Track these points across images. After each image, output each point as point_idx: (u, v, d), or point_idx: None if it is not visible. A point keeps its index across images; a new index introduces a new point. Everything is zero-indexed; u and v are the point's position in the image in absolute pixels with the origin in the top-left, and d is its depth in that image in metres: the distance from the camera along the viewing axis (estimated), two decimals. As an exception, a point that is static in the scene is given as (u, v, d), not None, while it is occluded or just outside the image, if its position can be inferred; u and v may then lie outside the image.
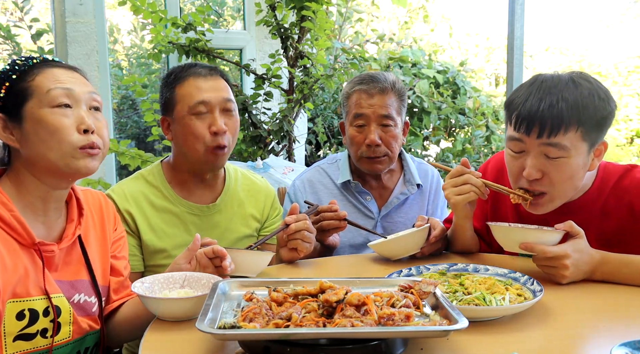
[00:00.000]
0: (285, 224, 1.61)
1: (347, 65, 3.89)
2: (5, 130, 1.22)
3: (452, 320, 0.98)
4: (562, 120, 1.36)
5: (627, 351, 0.95)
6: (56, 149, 1.20)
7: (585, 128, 1.38)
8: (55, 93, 1.21)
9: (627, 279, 1.39)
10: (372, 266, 1.64)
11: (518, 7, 2.95)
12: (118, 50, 5.27)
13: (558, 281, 1.38)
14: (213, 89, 1.65)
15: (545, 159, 1.42)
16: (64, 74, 1.25)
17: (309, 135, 4.68)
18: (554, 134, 1.38)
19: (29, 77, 1.22)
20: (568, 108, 1.36)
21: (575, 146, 1.39)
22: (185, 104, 1.64)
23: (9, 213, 1.18)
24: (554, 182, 1.44)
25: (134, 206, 1.66)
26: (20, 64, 1.24)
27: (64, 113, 1.21)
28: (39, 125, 1.20)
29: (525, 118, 1.40)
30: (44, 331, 1.21)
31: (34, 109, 1.21)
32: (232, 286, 1.21)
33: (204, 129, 1.63)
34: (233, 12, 4.70)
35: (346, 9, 4.99)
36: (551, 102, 1.37)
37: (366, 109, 1.94)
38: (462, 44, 7.29)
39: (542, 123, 1.38)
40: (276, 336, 0.95)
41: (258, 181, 1.91)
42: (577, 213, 1.54)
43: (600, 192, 1.54)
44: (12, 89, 1.22)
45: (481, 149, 5.01)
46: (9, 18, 3.94)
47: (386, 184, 2.08)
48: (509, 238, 1.44)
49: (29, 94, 1.21)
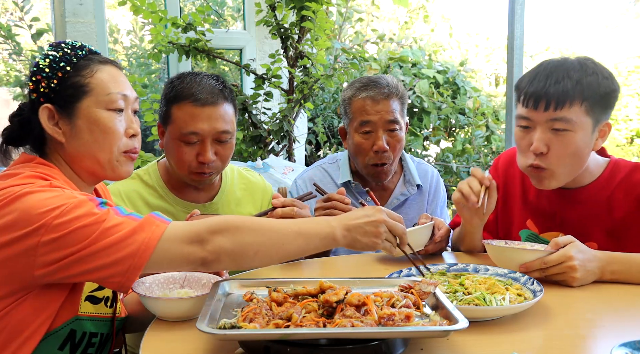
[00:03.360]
0: (272, 207, 1.58)
1: (347, 65, 3.88)
2: (51, 120, 1.21)
3: (452, 320, 0.98)
4: (567, 94, 1.44)
5: (627, 351, 0.95)
6: (107, 151, 1.23)
7: (590, 103, 1.45)
8: (115, 97, 1.23)
9: (636, 279, 1.39)
10: (372, 266, 1.64)
11: (518, 7, 2.95)
12: (118, 50, 5.27)
13: (570, 285, 1.38)
14: (209, 119, 1.60)
15: (552, 134, 1.47)
16: (118, 74, 1.26)
17: (309, 135, 4.67)
18: (560, 108, 1.44)
19: (85, 73, 1.21)
20: (573, 84, 1.44)
21: (580, 121, 1.45)
22: (178, 128, 1.61)
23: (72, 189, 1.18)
24: (559, 157, 1.48)
25: (129, 205, 1.67)
26: (70, 53, 1.22)
27: (118, 116, 1.24)
28: (95, 125, 1.21)
29: (533, 94, 1.47)
30: (107, 300, 1.26)
31: (91, 108, 1.21)
32: (232, 286, 1.21)
33: (191, 156, 1.62)
34: (233, 12, 4.70)
35: (346, 9, 4.99)
36: (557, 79, 1.46)
37: (373, 116, 1.92)
38: (462, 44, 7.29)
39: (549, 98, 1.45)
40: (276, 336, 0.95)
41: (254, 179, 1.91)
42: (585, 203, 1.58)
43: (608, 182, 1.57)
44: (66, 81, 1.20)
45: (481, 149, 5.00)
46: (9, 18, 3.94)
47: (386, 184, 2.08)
48: (504, 257, 1.45)
49: (86, 91, 1.20)
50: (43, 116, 1.20)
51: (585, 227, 1.53)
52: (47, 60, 1.20)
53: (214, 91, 1.62)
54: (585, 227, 1.53)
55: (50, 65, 1.20)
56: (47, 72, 1.19)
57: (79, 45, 1.25)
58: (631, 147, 7.85)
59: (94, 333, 1.24)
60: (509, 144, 3.13)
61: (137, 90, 3.14)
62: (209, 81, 1.64)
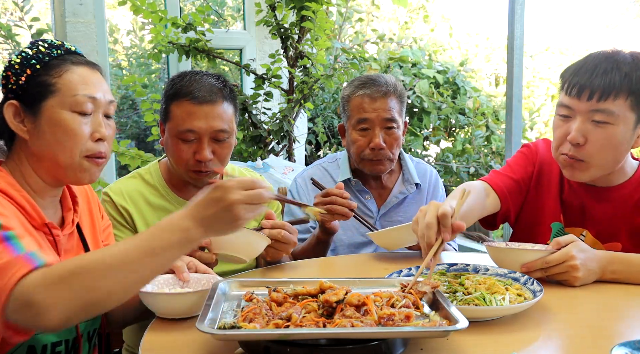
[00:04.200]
0: (260, 228, 1.56)
1: (347, 65, 3.88)
2: (16, 117, 1.19)
3: (452, 320, 0.98)
4: (614, 86, 1.40)
5: (627, 351, 0.95)
6: (68, 154, 1.20)
7: (636, 98, 1.41)
8: (81, 100, 1.20)
9: (637, 279, 1.38)
10: (372, 266, 1.64)
11: (518, 7, 2.95)
12: (118, 50, 5.27)
13: (571, 284, 1.37)
14: (206, 117, 1.59)
15: (592, 125, 1.43)
16: (90, 76, 1.23)
17: (309, 135, 4.67)
18: (604, 99, 1.40)
19: (54, 72, 1.19)
20: (622, 76, 1.40)
21: (623, 115, 1.42)
22: (175, 126, 1.61)
23: (18, 193, 1.16)
24: (595, 150, 1.44)
25: (131, 204, 1.68)
26: (44, 52, 1.20)
27: (83, 119, 1.21)
28: (57, 126, 1.18)
29: (579, 82, 1.43)
30: None
31: (55, 108, 1.18)
32: (232, 286, 1.21)
33: (188, 154, 1.62)
34: (233, 12, 4.70)
35: (346, 9, 4.98)
36: (605, 69, 1.42)
37: (370, 114, 1.94)
38: (462, 44, 7.28)
39: (594, 87, 1.41)
40: (276, 336, 0.95)
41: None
42: (613, 202, 1.54)
43: (637, 183, 1.54)
44: (34, 79, 1.18)
45: (481, 149, 5.00)
46: (9, 18, 3.94)
47: (385, 183, 2.09)
48: (505, 258, 1.44)
49: (52, 91, 1.18)
50: (8, 112, 1.19)
51: (611, 226, 1.50)
52: (19, 57, 1.19)
53: (213, 89, 1.62)
54: (611, 227, 1.50)
55: (21, 62, 1.18)
56: (17, 69, 1.18)
57: (57, 44, 1.23)
58: (631, 148, 7.84)
59: (56, 342, 1.20)
60: (509, 144, 3.13)
61: (137, 90, 3.15)
62: (208, 80, 1.64)
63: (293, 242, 1.56)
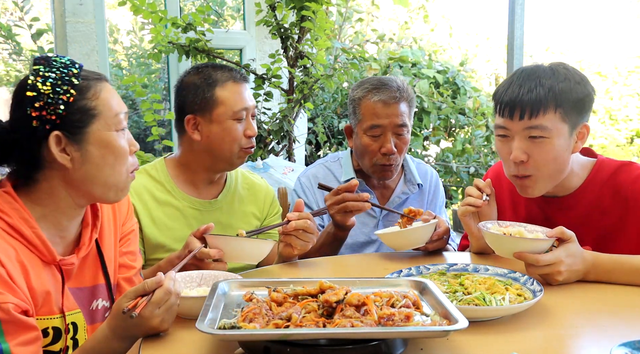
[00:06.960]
0: (287, 220, 1.60)
1: (347, 65, 3.89)
2: (58, 145, 1.14)
3: (452, 320, 0.98)
4: (540, 102, 1.45)
5: (627, 351, 0.95)
6: (118, 173, 1.21)
7: (564, 109, 1.46)
8: (122, 117, 1.20)
9: (619, 280, 1.40)
10: (372, 266, 1.64)
11: (518, 7, 2.95)
12: (118, 50, 5.27)
13: (551, 283, 1.39)
14: (249, 96, 1.76)
15: (529, 142, 1.48)
16: (113, 90, 1.22)
17: (309, 135, 4.67)
18: (535, 116, 1.46)
19: (90, 95, 1.16)
20: (545, 91, 1.45)
21: (556, 127, 1.47)
22: (230, 108, 1.69)
23: (31, 230, 1.13)
24: (539, 164, 1.49)
25: (137, 199, 1.69)
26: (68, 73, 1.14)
27: (124, 136, 1.21)
28: (107, 148, 1.18)
29: (508, 103, 1.49)
30: (67, 349, 1.19)
31: (102, 132, 1.17)
32: (232, 286, 1.21)
33: (241, 133, 1.72)
34: (233, 12, 4.70)
35: (346, 9, 4.99)
36: (529, 87, 1.47)
37: (383, 120, 1.93)
38: (462, 44, 7.28)
39: (523, 106, 1.46)
40: (276, 336, 0.95)
41: (258, 181, 1.95)
42: (575, 208, 1.57)
43: (594, 184, 1.57)
44: (73, 105, 1.14)
45: (481, 149, 5.00)
46: (9, 18, 3.94)
47: (388, 183, 2.09)
48: (502, 245, 1.44)
49: (95, 115, 1.16)
50: (52, 144, 1.13)
51: (577, 233, 1.50)
52: (47, 83, 1.12)
53: (242, 74, 1.77)
54: (577, 233, 1.49)
55: (52, 89, 1.12)
56: (50, 97, 1.12)
57: (68, 62, 1.17)
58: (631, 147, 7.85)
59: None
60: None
61: (137, 90, 3.16)
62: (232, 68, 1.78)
63: (317, 232, 1.63)
